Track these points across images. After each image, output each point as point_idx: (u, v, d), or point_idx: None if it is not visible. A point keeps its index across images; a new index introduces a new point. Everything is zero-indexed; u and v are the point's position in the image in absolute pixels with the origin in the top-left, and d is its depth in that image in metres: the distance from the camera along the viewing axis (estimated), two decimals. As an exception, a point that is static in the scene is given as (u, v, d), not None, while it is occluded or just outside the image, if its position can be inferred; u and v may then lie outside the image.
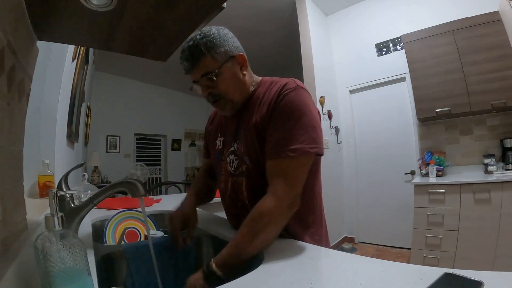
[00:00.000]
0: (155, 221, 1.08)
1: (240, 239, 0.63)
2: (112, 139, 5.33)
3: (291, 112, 0.67)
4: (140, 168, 4.49)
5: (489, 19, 2.31)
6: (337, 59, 3.64)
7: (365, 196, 3.36)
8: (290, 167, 0.65)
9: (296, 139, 0.65)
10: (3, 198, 0.43)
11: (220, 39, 0.72)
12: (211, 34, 0.71)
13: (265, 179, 0.71)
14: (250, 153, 0.74)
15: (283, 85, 0.72)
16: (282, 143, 0.66)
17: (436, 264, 2.14)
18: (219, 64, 0.71)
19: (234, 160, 0.79)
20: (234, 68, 0.74)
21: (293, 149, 0.65)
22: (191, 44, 0.71)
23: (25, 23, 0.54)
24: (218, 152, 0.86)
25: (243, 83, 0.77)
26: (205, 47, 0.70)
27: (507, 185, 1.96)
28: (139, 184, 0.64)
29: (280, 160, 0.66)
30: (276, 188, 0.64)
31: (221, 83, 0.73)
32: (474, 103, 2.36)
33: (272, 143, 0.67)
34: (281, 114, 0.68)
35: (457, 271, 0.43)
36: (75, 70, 2.03)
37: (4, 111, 0.44)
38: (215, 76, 0.71)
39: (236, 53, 0.75)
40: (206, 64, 0.71)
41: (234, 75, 0.74)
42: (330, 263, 0.57)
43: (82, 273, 0.41)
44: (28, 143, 0.62)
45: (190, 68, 0.72)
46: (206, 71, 0.71)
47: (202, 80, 0.73)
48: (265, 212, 0.63)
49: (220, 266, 0.59)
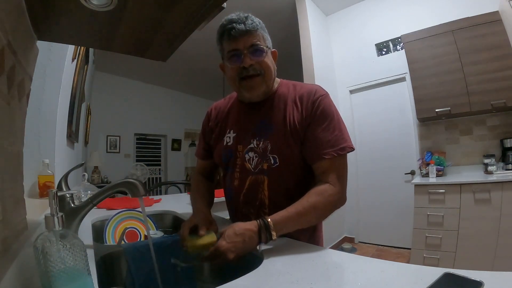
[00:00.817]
0: (155, 221, 1.08)
1: (301, 208, 0.66)
2: (112, 139, 5.33)
3: (330, 115, 0.75)
4: (140, 168, 4.49)
5: (489, 19, 2.31)
6: (337, 59, 3.63)
7: (365, 196, 3.36)
8: (342, 164, 0.73)
9: (342, 139, 0.73)
10: (3, 198, 0.43)
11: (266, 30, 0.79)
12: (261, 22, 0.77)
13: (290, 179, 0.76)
14: (280, 152, 0.76)
15: (315, 91, 0.78)
16: (331, 143, 0.72)
17: (436, 264, 2.14)
18: (267, 45, 0.77)
19: (254, 157, 0.78)
20: (272, 58, 0.80)
21: (342, 147, 0.72)
22: (247, 15, 0.75)
23: (25, 23, 0.54)
24: (228, 149, 0.84)
25: (274, 75, 0.82)
26: (260, 25, 0.76)
27: (507, 185, 1.95)
28: (139, 184, 0.64)
29: (334, 159, 0.72)
30: (332, 181, 0.71)
31: (267, 60, 0.76)
32: (474, 103, 2.36)
33: (319, 143, 0.73)
34: (322, 117, 0.74)
35: (457, 271, 0.43)
36: (75, 70, 2.03)
37: (4, 111, 0.44)
38: (265, 51, 0.75)
39: (273, 49, 0.81)
40: (259, 37, 0.75)
41: (272, 62, 0.80)
42: (330, 263, 0.57)
43: (82, 273, 0.41)
44: (28, 143, 0.62)
45: (244, 33, 0.72)
46: (258, 43, 0.74)
47: (249, 50, 0.73)
48: (325, 193, 0.69)
49: (276, 225, 0.62)
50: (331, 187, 0.70)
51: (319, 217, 0.72)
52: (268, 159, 0.76)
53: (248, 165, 0.79)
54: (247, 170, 0.79)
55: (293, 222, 0.65)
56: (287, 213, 0.65)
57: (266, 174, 0.76)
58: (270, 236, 0.62)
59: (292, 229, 0.66)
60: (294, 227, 0.66)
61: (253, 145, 0.78)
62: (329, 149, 0.72)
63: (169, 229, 1.23)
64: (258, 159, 0.77)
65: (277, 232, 0.63)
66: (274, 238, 0.62)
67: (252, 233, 0.61)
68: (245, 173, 0.80)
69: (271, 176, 0.76)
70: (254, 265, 0.55)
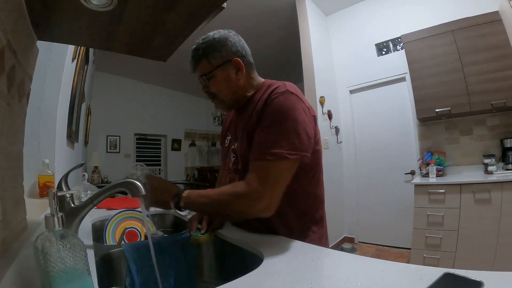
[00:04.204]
0: (155, 221, 1.08)
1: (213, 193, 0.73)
2: (112, 139, 5.33)
3: (276, 116, 0.69)
4: (140, 168, 4.48)
5: (489, 19, 2.31)
6: (337, 59, 3.63)
7: (365, 196, 3.36)
8: (268, 169, 0.67)
9: (277, 144, 0.66)
10: (3, 198, 0.43)
11: (218, 44, 0.78)
12: (211, 39, 0.78)
13: None
14: (242, 155, 0.79)
15: (273, 89, 0.74)
16: (263, 146, 0.68)
17: (436, 264, 2.14)
18: (212, 68, 0.78)
19: (233, 157, 0.85)
20: (229, 71, 0.79)
21: (272, 153, 0.66)
22: (194, 47, 0.80)
23: (25, 23, 0.54)
24: (225, 149, 0.93)
25: (236, 86, 0.80)
26: (203, 51, 0.78)
27: (507, 185, 1.95)
28: (139, 184, 0.64)
29: (259, 162, 0.68)
30: (248, 179, 0.68)
31: (213, 84, 0.80)
32: (474, 103, 2.35)
33: (255, 145, 0.71)
34: (267, 117, 0.70)
35: (457, 271, 0.43)
36: (75, 70, 2.03)
37: (4, 111, 0.44)
38: (208, 78, 0.79)
39: (233, 58, 0.78)
40: (203, 66, 0.79)
41: (226, 78, 0.79)
42: (330, 263, 0.57)
43: (82, 273, 0.41)
44: (28, 143, 0.62)
45: (192, 68, 0.82)
46: (202, 73, 0.80)
47: (200, 80, 0.82)
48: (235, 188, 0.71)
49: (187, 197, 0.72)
50: (242, 185, 0.68)
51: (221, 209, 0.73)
52: (239, 160, 0.82)
53: (230, 164, 0.86)
54: (229, 169, 0.87)
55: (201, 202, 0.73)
56: (202, 192, 0.74)
57: (238, 173, 0.82)
58: (179, 206, 0.72)
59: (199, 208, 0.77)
60: (201, 207, 0.75)
61: (234, 146, 0.85)
62: (257, 150, 0.69)
63: (169, 229, 1.23)
64: (235, 159, 0.84)
65: (185, 204, 0.72)
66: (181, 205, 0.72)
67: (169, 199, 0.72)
68: (228, 171, 0.87)
69: (240, 176, 0.80)
70: (254, 265, 0.55)
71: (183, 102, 6.63)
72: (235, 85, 0.80)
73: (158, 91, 6.13)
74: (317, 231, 0.82)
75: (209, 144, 7.41)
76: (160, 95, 6.15)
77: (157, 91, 6.10)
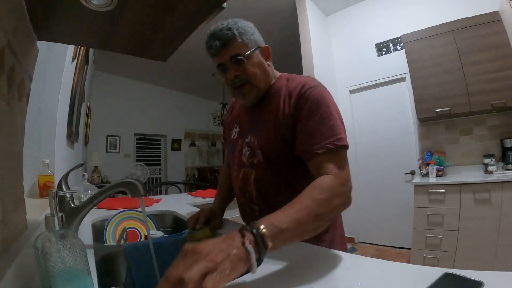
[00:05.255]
0: (155, 221, 1.08)
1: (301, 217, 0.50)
2: (112, 139, 5.34)
3: (322, 107, 0.69)
4: (140, 168, 4.49)
5: (489, 19, 2.31)
6: (337, 59, 3.63)
7: (365, 196, 3.36)
8: (342, 157, 0.66)
9: (336, 132, 0.66)
10: (3, 198, 0.43)
11: (250, 29, 0.76)
12: (243, 23, 0.75)
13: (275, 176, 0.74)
14: (264, 148, 0.76)
15: (303, 84, 0.73)
16: (325, 136, 0.66)
17: (436, 264, 2.14)
18: (249, 49, 0.74)
19: (247, 151, 0.81)
20: (260, 57, 0.78)
21: (338, 139, 0.66)
22: (223, 26, 0.73)
23: (25, 23, 0.54)
24: (232, 142, 0.88)
25: (268, 73, 0.79)
26: (238, 31, 0.72)
27: (507, 185, 1.95)
28: (139, 184, 0.64)
29: (331, 152, 0.65)
30: (331, 170, 0.62)
31: (250, 67, 0.74)
32: (474, 103, 2.35)
33: (310, 137, 0.67)
34: (311, 109, 0.69)
35: (457, 271, 0.43)
36: (75, 70, 2.03)
37: (4, 111, 0.44)
38: (245, 58, 0.73)
39: (263, 45, 0.79)
40: (237, 46, 0.73)
41: (260, 62, 0.77)
42: (330, 263, 0.57)
43: (82, 273, 0.41)
44: (28, 143, 0.62)
45: (220, 48, 0.73)
46: (236, 53, 0.73)
47: (230, 63, 0.74)
48: (324, 185, 0.59)
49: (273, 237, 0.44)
50: (331, 177, 0.60)
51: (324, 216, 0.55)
52: (256, 155, 0.78)
53: (244, 158, 0.82)
54: (242, 163, 0.82)
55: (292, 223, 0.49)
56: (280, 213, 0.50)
57: (254, 168, 0.79)
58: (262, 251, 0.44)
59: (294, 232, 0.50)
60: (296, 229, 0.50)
61: (248, 139, 0.81)
62: (323, 142, 0.65)
63: (169, 229, 1.23)
64: (250, 153, 0.80)
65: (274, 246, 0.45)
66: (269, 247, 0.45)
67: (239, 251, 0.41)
68: (240, 165, 0.83)
69: (257, 171, 0.78)
70: (254, 265, 0.55)
71: (183, 102, 6.63)
72: (267, 71, 0.79)
73: (158, 91, 6.13)
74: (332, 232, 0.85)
75: (209, 144, 7.41)
76: (160, 95, 6.15)
77: (157, 91, 6.10)
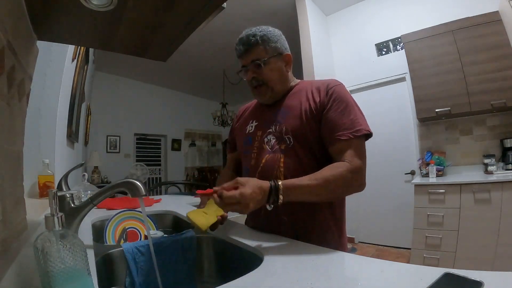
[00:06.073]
0: (155, 221, 1.08)
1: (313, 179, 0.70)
2: (112, 139, 5.34)
3: (345, 100, 0.79)
4: (140, 168, 4.49)
5: (489, 19, 2.31)
6: (337, 59, 3.63)
7: (365, 196, 3.35)
8: (362, 145, 0.76)
9: (359, 123, 0.76)
10: (3, 198, 0.43)
11: (274, 37, 0.85)
12: (269, 31, 0.85)
13: (305, 157, 0.80)
14: (294, 132, 0.81)
15: (329, 81, 0.84)
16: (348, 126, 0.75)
17: (436, 264, 2.14)
18: (268, 56, 0.84)
19: (272, 139, 0.86)
20: (280, 63, 0.87)
21: (358, 129, 0.75)
22: (250, 33, 0.83)
23: (25, 23, 0.54)
24: (249, 135, 0.93)
25: (285, 77, 0.89)
26: (261, 38, 0.83)
27: (507, 185, 1.96)
28: (139, 184, 0.64)
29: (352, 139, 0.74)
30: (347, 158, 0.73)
31: (266, 71, 0.84)
32: (474, 103, 2.36)
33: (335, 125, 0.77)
34: (337, 102, 0.79)
35: (457, 271, 0.43)
36: (75, 70, 2.03)
37: (4, 111, 0.44)
38: (263, 64, 0.83)
39: (285, 52, 0.88)
40: (258, 52, 0.83)
41: (279, 68, 0.86)
42: (330, 263, 0.57)
43: (82, 273, 0.41)
44: (28, 143, 0.62)
45: (244, 52, 0.84)
46: (256, 58, 0.83)
47: (250, 66, 0.84)
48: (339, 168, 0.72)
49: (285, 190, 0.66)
50: (345, 163, 0.72)
51: (330, 191, 0.71)
52: (285, 140, 0.82)
53: (266, 146, 0.86)
54: (264, 150, 0.86)
55: (301, 191, 0.68)
56: (298, 181, 0.69)
57: (283, 153, 0.82)
58: (277, 200, 0.66)
59: (300, 197, 0.69)
60: (302, 196, 0.69)
61: (271, 129, 0.86)
62: (344, 131, 0.75)
63: (169, 229, 1.23)
64: (275, 140, 0.84)
65: (284, 197, 0.66)
66: (280, 201, 0.66)
67: (264, 194, 0.65)
68: (262, 153, 0.86)
69: (287, 155, 0.81)
70: (254, 265, 0.55)
71: (183, 102, 6.63)
72: (285, 76, 0.88)
73: (158, 91, 6.13)
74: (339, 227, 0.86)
75: (209, 144, 7.41)
76: (160, 95, 6.15)
77: (157, 91, 6.10)
